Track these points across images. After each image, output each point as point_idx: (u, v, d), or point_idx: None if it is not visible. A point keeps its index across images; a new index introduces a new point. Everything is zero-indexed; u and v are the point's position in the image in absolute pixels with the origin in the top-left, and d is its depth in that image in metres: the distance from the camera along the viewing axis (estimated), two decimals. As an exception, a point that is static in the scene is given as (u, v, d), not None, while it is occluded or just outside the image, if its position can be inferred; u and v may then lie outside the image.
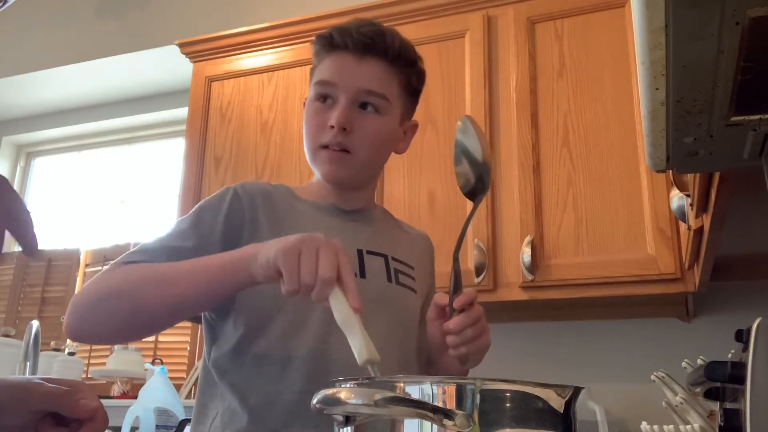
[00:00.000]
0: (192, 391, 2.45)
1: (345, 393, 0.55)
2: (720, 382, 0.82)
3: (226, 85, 2.35)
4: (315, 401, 0.56)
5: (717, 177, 0.92)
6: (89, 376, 2.66)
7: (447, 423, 0.53)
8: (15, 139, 3.45)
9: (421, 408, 0.54)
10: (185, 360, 2.71)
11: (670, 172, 1.07)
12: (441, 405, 0.55)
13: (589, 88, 1.87)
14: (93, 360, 2.82)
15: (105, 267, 0.98)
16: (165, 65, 2.93)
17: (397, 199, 1.98)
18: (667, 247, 1.67)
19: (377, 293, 1.05)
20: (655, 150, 0.78)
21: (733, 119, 0.71)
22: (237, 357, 1.00)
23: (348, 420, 0.57)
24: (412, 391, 0.57)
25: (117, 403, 2.43)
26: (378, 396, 0.54)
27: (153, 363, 2.45)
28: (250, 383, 0.98)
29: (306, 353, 0.97)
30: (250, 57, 2.34)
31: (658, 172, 0.86)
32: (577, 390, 0.61)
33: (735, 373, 0.76)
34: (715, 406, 1.03)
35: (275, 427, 0.95)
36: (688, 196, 1.20)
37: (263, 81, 2.29)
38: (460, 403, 0.56)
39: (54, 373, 2.48)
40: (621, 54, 1.86)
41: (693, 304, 1.87)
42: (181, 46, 2.45)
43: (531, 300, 1.80)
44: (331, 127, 1.03)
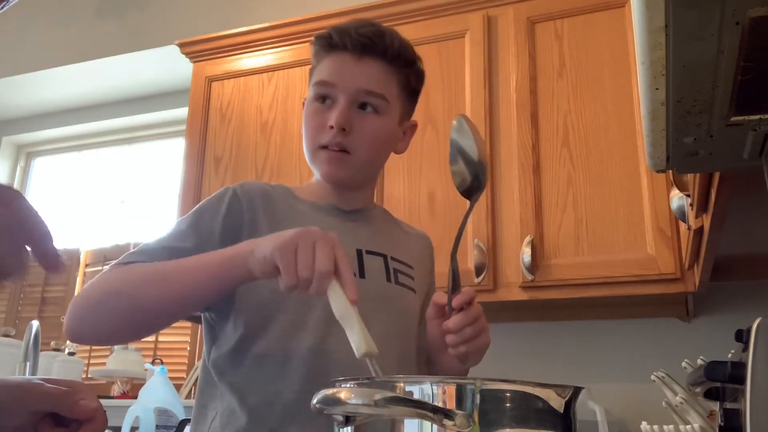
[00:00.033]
0: (192, 391, 2.45)
1: (345, 393, 0.55)
2: (720, 382, 0.82)
3: (226, 85, 2.35)
4: (315, 401, 0.56)
5: (717, 177, 0.92)
6: (89, 376, 2.66)
7: (447, 423, 0.53)
8: (15, 139, 3.45)
9: (421, 408, 0.54)
10: (185, 360, 2.71)
11: (670, 172, 1.07)
12: (441, 405, 0.55)
13: (589, 88, 1.87)
14: (93, 360, 2.82)
15: (105, 267, 0.98)
16: (165, 65, 2.93)
17: (397, 199, 1.98)
18: (667, 247, 1.67)
19: (377, 293, 1.05)
20: (655, 150, 0.78)
21: (733, 119, 0.71)
22: (236, 357, 1.00)
23: (348, 420, 0.57)
24: (412, 391, 0.57)
25: (117, 403, 2.43)
26: (378, 396, 0.54)
27: (153, 363, 2.45)
28: (249, 383, 0.98)
29: (305, 353, 0.97)
30: (250, 57, 2.34)
31: (658, 172, 0.86)
32: (577, 390, 0.61)
33: (735, 373, 0.76)
34: (715, 406, 1.03)
35: (274, 427, 0.95)
36: (688, 196, 1.20)
37: (263, 81, 2.29)
38: (460, 403, 0.56)
39: (54, 373, 2.48)
40: (621, 54, 1.86)
41: (693, 304, 1.87)
42: (181, 46, 2.45)
43: (531, 300, 1.80)
44: (331, 128, 1.04)
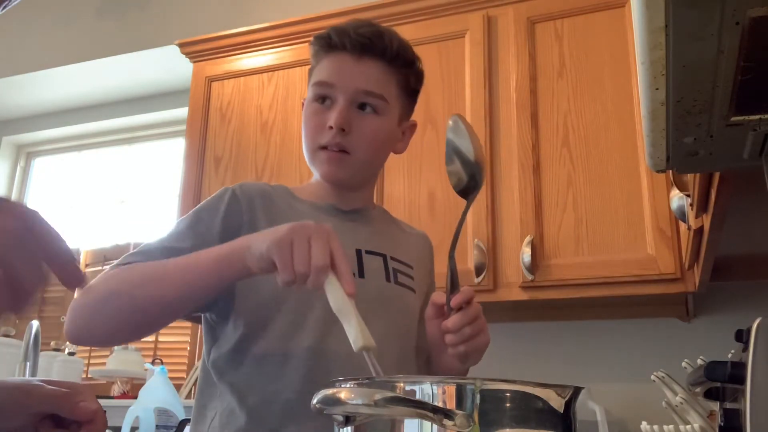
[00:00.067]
0: (192, 391, 2.45)
1: (345, 393, 0.55)
2: (720, 382, 0.82)
3: (226, 85, 2.35)
4: (315, 401, 0.56)
5: (717, 177, 0.92)
6: (89, 376, 2.66)
7: (447, 423, 0.53)
8: (15, 139, 3.45)
9: (421, 408, 0.54)
10: (185, 360, 2.71)
11: (670, 172, 1.07)
12: (441, 405, 0.55)
13: (589, 88, 1.87)
14: (93, 360, 2.82)
15: (105, 267, 0.98)
16: (165, 65, 2.93)
17: (397, 199, 1.98)
18: (667, 247, 1.67)
19: (376, 293, 1.05)
20: (655, 150, 0.78)
21: (733, 119, 0.71)
22: (236, 357, 1.00)
23: (348, 420, 0.57)
24: (412, 391, 0.57)
25: (117, 403, 2.43)
26: (378, 396, 0.54)
27: (153, 363, 2.45)
28: (249, 383, 0.98)
29: (305, 353, 0.97)
30: (250, 57, 2.34)
31: (658, 172, 0.86)
32: (577, 390, 0.61)
33: (735, 373, 0.76)
34: (715, 406, 1.03)
35: (274, 427, 0.95)
36: (688, 196, 1.20)
37: (263, 81, 2.29)
38: (460, 403, 0.56)
39: (54, 373, 2.48)
40: (621, 54, 1.86)
41: (693, 304, 1.87)
42: (181, 46, 2.45)
43: (531, 300, 1.80)
44: (330, 128, 1.04)
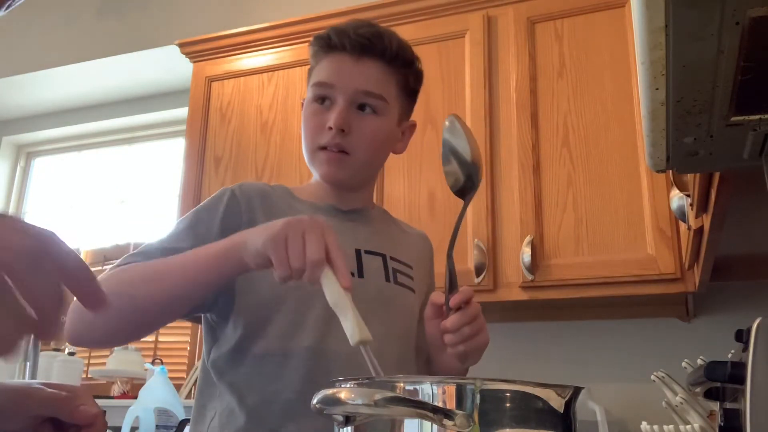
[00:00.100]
0: (192, 391, 2.45)
1: (345, 393, 0.55)
2: (720, 382, 0.82)
3: (226, 85, 2.35)
4: (315, 401, 0.56)
5: (717, 177, 0.92)
6: (89, 376, 2.66)
7: (447, 423, 0.53)
8: (15, 139, 3.45)
9: (421, 408, 0.53)
10: (185, 360, 2.71)
11: (670, 172, 1.07)
12: (441, 405, 0.55)
13: (589, 88, 1.87)
14: (93, 360, 2.82)
15: (105, 267, 0.98)
16: (165, 65, 2.93)
17: (397, 199, 1.98)
18: (667, 247, 1.67)
19: (376, 293, 1.05)
20: (655, 150, 0.78)
21: (733, 119, 0.71)
22: (236, 357, 1.00)
23: (348, 420, 0.57)
24: (412, 391, 0.57)
25: (117, 403, 2.43)
26: (378, 396, 0.54)
27: (153, 363, 2.45)
28: (248, 383, 0.98)
29: (304, 353, 0.97)
30: (250, 57, 2.34)
31: (658, 172, 0.86)
32: (577, 390, 0.61)
33: (735, 373, 0.76)
34: (715, 406, 1.03)
35: (273, 427, 0.95)
36: (688, 196, 1.20)
37: (263, 81, 2.29)
38: (460, 403, 0.56)
39: (54, 373, 2.48)
40: (621, 54, 1.86)
41: (693, 304, 1.87)
42: (181, 46, 2.45)
43: (531, 300, 1.80)
44: (330, 129, 1.04)
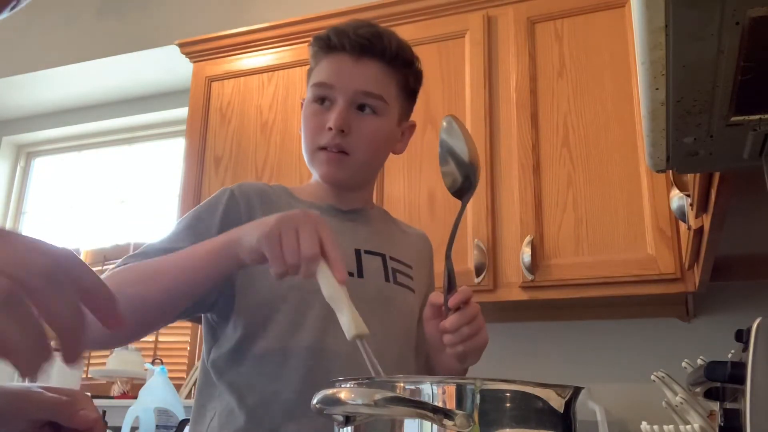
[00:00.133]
0: (192, 391, 2.45)
1: (345, 393, 0.55)
2: (720, 382, 0.82)
3: (226, 85, 2.35)
4: (315, 401, 0.56)
5: (717, 177, 0.92)
6: (89, 376, 2.66)
7: (447, 423, 0.53)
8: (15, 139, 3.45)
9: (421, 408, 0.53)
10: (185, 360, 2.71)
11: (670, 172, 1.07)
12: (441, 405, 0.55)
13: (589, 88, 1.87)
14: (93, 360, 2.82)
15: (105, 267, 0.98)
16: (165, 65, 2.93)
17: (397, 199, 1.98)
18: (667, 247, 1.67)
19: (375, 293, 1.05)
20: (655, 150, 0.78)
21: (733, 119, 0.71)
22: (236, 357, 1.00)
23: (348, 420, 0.57)
24: (412, 391, 0.57)
25: (117, 403, 2.43)
26: (378, 396, 0.54)
27: (153, 363, 2.45)
28: (248, 383, 0.98)
29: (304, 353, 0.97)
30: (250, 57, 2.34)
31: (658, 172, 0.86)
32: (577, 390, 0.61)
33: (735, 373, 0.76)
34: (715, 406, 1.03)
35: (273, 427, 0.95)
36: (688, 196, 1.20)
37: (263, 81, 2.29)
38: (460, 403, 0.56)
39: (54, 374, 2.48)
40: (621, 54, 1.86)
41: (693, 304, 1.87)
42: (181, 46, 2.45)
43: (531, 300, 1.80)
44: (329, 129, 1.04)
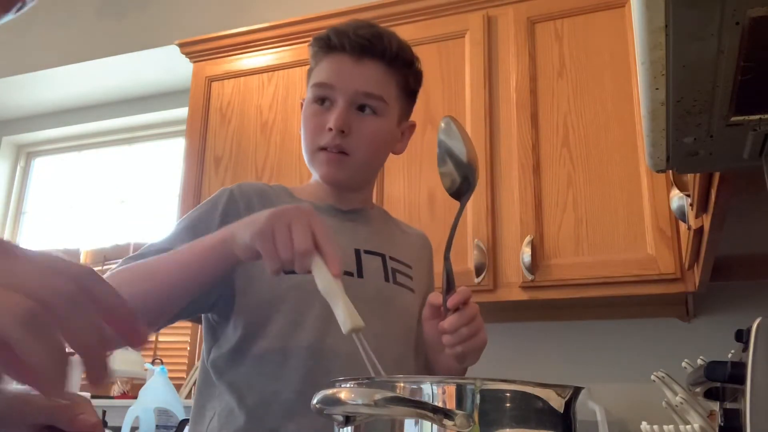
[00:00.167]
0: (192, 391, 2.45)
1: (345, 393, 0.55)
2: (720, 382, 0.82)
3: (226, 85, 2.35)
4: (315, 401, 0.56)
5: (717, 177, 0.92)
6: (89, 376, 2.66)
7: (447, 423, 0.53)
8: (15, 139, 3.45)
9: (421, 408, 0.53)
10: (185, 360, 2.71)
11: (670, 172, 1.07)
12: (441, 405, 0.55)
13: (589, 88, 1.87)
14: (93, 360, 2.82)
15: (105, 267, 0.98)
16: (165, 65, 2.93)
17: (397, 199, 1.98)
18: (667, 247, 1.67)
19: (375, 293, 1.05)
20: (655, 150, 0.78)
21: (733, 119, 0.71)
22: (236, 357, 1.00)
23: (348, 420, 0.57)
24: (412, 391, 0.57)
25: (117, 403, 2.43)
26: (378, 396, 0.53)
27: (153, 363, 2.45)
28: (248, 383, 0.98)
29: (304, 353, 0.97)
30: (250, 57, 2.34)
31: (658, 172, 0.86)
32: (577, 390, 0.61)
33: (735, 373, 0.76)
34: (715, 406, 1.03)
35: (273, 427, 0.95)
36: (688, 196, 1.20)
37: (263, 81, 2.29)
38: (460, 403, 0.56)
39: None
40: (621, 54, 1.86)
41: (693, 304, 1.87)
42: (181, 46, 2.45)
43: (531, 300, 1.80)
44: (330, 130, 1.04)
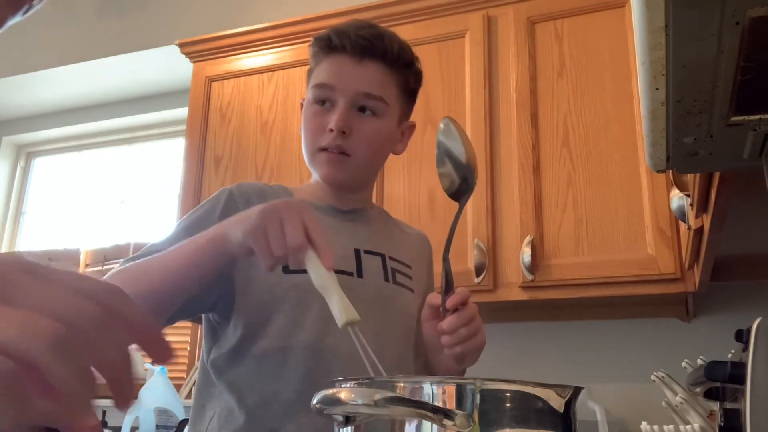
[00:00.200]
0: (192, 391, 2.45)
1: (345, 393, 0.55)
2: (720, 382, 0.82)
3: (226, 85, 2.35)
4: (315, 401, 0.56)
5: (717, 177, 0.92)
6: (89, 376, 2.66)
7: (447, 423, 0.53)
8: (15, 139, 3.45)
9: (421, 408, 0.53)
10: (185, 360, 2.71)
11: (670, 172, 1.07)
12: (441, 405, 0.55)
13: (589, 88, 1.87)
14: (93, 360, 2.82)
15: (106, 267, 0.98)
16: (165, 65, 2.93)
17: (397, 199, 1.98)
18: (667, 247, 1.67)
19: (374, 293, 1.05)
20: (655, 150, 0.78)
21: (733, 119, 0.71)
22: (236, 357, 1.00)
23: (348, 420, 0.57)
24: (412, 391, 0.57)
25: (117, 403, 2.42)
26: (378, 396, 0.54)
27: (153, 363, 2.45)
28: (248, 383, 0.98)
29: (304, 353, 0.97)
30: (250, 57, 2.34)
31: (658, 172, 0.86)
32: (577, 390, 0.61)
33: (735, 373, 0.76)
34: (715, 406, 1.03)
35: (272, 427, 0.95)
36: (688, 196, 1.20)
37: (263, 81, 2.29)
38: (460, 403, 0.56)
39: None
40: (621, 54, 1.86)
41: (693, 304, 1.87)
42: (181, 46, 2.45)
43: (531, 300, 1.80)
44: (330, 131, 1.04)
